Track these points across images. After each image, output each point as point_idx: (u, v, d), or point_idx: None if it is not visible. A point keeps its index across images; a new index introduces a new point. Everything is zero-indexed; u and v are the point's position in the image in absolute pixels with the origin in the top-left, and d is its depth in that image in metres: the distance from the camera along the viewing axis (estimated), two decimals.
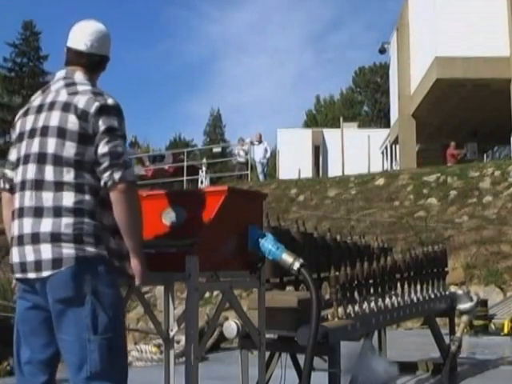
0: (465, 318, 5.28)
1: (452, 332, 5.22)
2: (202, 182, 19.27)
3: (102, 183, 2.31)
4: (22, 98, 45.85)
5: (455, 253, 10.05)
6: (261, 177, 18.90)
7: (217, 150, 29.97)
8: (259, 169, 19.15)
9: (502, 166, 13.27)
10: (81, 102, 2.35)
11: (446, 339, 5.14)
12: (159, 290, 8.71)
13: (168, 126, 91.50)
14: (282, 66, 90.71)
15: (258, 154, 19.02)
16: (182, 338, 4.40)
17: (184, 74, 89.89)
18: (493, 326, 8.06)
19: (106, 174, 2.30)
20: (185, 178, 18.79)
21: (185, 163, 19.34)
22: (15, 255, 2.35)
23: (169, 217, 2.78)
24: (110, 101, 2.39)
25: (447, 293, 5.25)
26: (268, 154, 19.94)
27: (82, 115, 2.32)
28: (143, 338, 8.49)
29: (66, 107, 2.35)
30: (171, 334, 2.96)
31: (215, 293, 8.97)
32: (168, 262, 2.64)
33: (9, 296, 9.14)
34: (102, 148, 2.31)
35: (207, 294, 9.73)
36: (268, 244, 2.79)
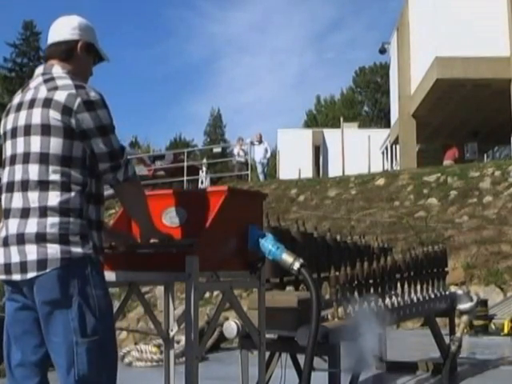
0: (465, 317, 5.27)
1: (452, 332, 5.22)
2: (202, 182, 19.27)
3: (105, 182, 2.38)
4: None
5: (455, 253, 10.04)
6: (261, 177, 18.90)
7: (217, 150, 30.02)
8: (259, 169, 19.15)
9: (502, 166, 13.25)
10: (61, 97, 2.28)
11: (446, 339, 5.14)
12: (159, 289, 8.72)
13: (168, 126, 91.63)
14: (282, 66, 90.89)
15: (259, 154, 19.03)
16: (182, 338, 4.41)
17: (184, 74, 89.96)
18: (493, 326, 8.04)
19: (110, 177, 2.35)
20: (185, 178, 18.79)
21: (185, 163, 19.34)
22: (0, 256, 2.29)
23: (169, 217, 2.78)
24: (92, 94, 2.31)
25: (447, 293, 5.24)
26: (268, 154, 19.96)
27: (65, 111, 2.27)
28: (143, 338, 8.48)
29: (47, 103, 2.29)
30: (171, 333, 2.97)
31: (215, 293, 8.97)
32: (168, 261, 2.64)
33: None
34: (99, 149, 2.30)
35: (207, 294, 9.72)
36: (268, 244, 2.79)
